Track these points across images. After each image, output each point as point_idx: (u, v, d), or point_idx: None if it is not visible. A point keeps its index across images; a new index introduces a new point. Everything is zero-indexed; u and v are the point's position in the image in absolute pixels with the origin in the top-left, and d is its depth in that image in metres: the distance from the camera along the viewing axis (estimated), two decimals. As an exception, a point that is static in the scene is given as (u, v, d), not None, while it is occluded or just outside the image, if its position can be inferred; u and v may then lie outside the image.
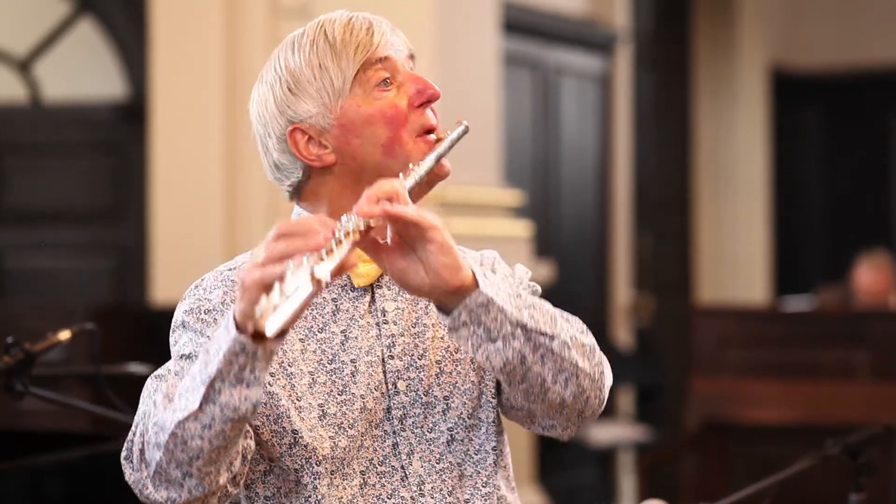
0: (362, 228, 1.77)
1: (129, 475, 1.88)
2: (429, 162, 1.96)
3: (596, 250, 7.70)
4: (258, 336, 1.73)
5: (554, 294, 2.22)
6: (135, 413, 1.93)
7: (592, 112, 7.67)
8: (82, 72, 6.81)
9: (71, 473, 3.17)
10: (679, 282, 9.04)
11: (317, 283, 1.67)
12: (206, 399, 1.77)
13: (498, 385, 2.03)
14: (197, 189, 5.88)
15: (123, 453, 1.89)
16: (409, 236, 1.82)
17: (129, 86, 6.58)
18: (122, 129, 6.54)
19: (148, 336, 5.30)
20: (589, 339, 1.95)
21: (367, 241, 1.81)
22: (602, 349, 2.02)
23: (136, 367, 3.19)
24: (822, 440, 2.88)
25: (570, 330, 1.93)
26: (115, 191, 6.62)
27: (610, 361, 2.00)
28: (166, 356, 2.00)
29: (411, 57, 2.03)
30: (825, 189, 10.28)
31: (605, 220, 7.75)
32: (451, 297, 1.84)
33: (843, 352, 5.85)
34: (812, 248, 10.27)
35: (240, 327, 1.74)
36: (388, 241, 1.83)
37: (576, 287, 7.34)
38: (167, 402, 1.82)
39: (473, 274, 1.84)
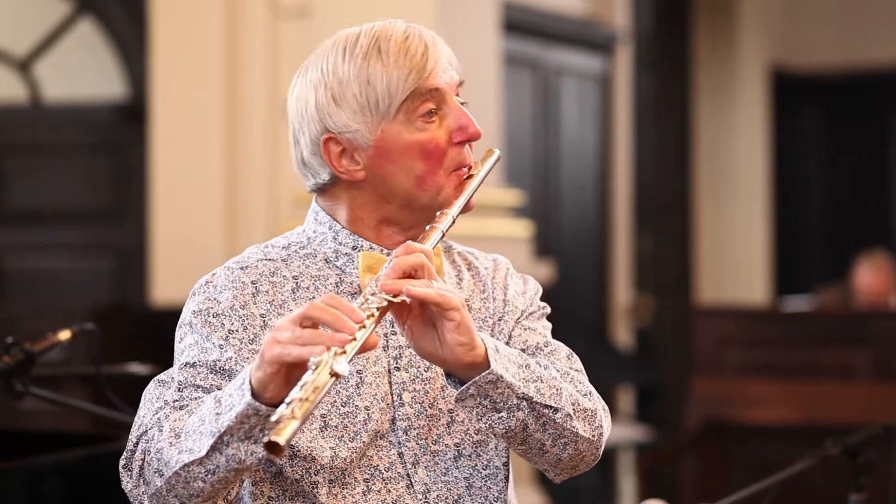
0: (384, 305, 1.81)
1: (127, 484, 1.91)
2: (457, 209, 1.97)
3: (596, 250, 7.70)
4: (272, 403, 1.77)
5: (554, 294, 2.22)
6: (135, 413, 1.94)
7: (592, 112, 7.67)
8: (82, 72, 6.81)
9: (71, 473, 3.17)
10: (679, 282, 9.04)
11: (335, 377, 1.71)
12: (214, 449, 1.80)
13: None
14: (197, 189, 5.88)
15: (122, 461, 1.91)
16: (430, 311, 1.84)
17: (129, 86, 6.58)
18: (122, 129, 6.54)
19: (148, 336, 5.31)
20: (591, 402, 1.98)
21: (383, 311, 1.83)
22: (602, 349, 2.04)
23: (136, 367, 3.19)
24: (822, 440, 2.88)
25: (574, 394, 1.95)
26: (115, 191, 6.62)
27: (610, 361, 2.02)
28: (166, 356, 2.00)
29: (460, 84, 2.02)
30: (825, 189, 10.28)
31: (605, 220, 7.75)
32: (462, 371, 1.87)
33: (843, 352, 5.85)
34: (812, 249, 10.26)
35: (255, 393, 1.77)
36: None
37: (576, 287, 7.34)
38: (174, 438, 1.84)
39: (486, 350, 1.87)
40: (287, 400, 1.68)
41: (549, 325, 2.11)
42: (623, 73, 7.86)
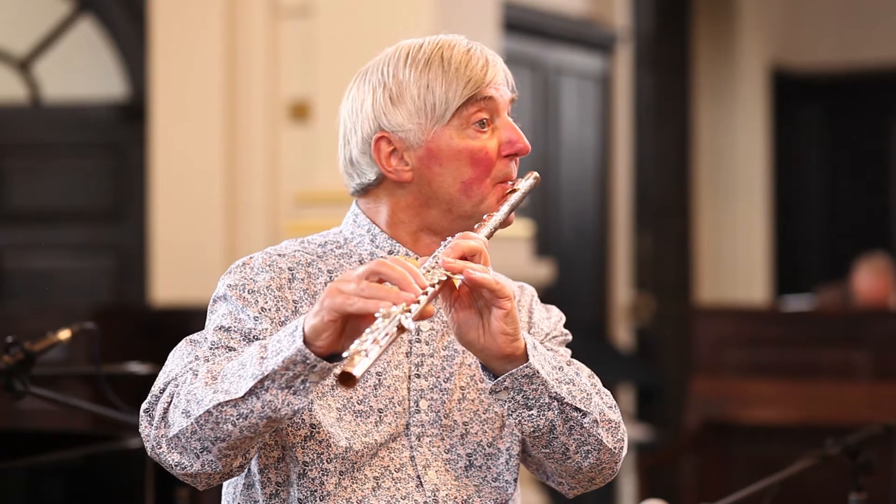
0: (444, 280, 1.84)
1: (145, 429, 1.90)
2: (501, 214, 2.01)
3: (596, 250, 7.70)
4: (321, 354, 1.77)
5: (554, 294, 2.23)
6: (135, 412, 1.95)
7: (592, 112, 7.67)
8: (82, 72, 6.81)
9: (71, 473, 3.17)
10: (679, 282, 9.04)
11: (402, 331, 1.72)
12: (252, 392, 1.80)
13: None
14: (197, 189, 5.89)
15: (144, 406, 1.90)
16: (480, 296, 1.87)
17: (129, 86, 6.58)
18: (122, 129, 6.54)
19: (148, 336, 5.31)
20: (616, 414, 2.01)
21: (442, 286, 1.86)
22: (602, 349, 2.06)
23: (136, 367, 3.19)
24: (822, 440, 2.89)
25: (600, 405, 1.99)
26: (115, 191, 6.62)
27: (610, 361, 2.04)
28: (166, 356, 2.00)
29: (512, 101, 2.07)
30: (825, 189, 10.28)
31: (605, 220, 7.75)
32: (498, 362, 1.90)
33: (843, 352, 5.85)
34: (812, 248, 10.27)
35: (306, 340, 1.77)
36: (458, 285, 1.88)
37: (576, 287, 7.34)
38: (210, 379, 1.84)
39: (525, 345, 1.90)
40: (357, 341, 1.69)
41: (570, 353, 2.13)
42: (623, 73, 7.86)
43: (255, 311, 1.96)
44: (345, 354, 1.69)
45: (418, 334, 2.03)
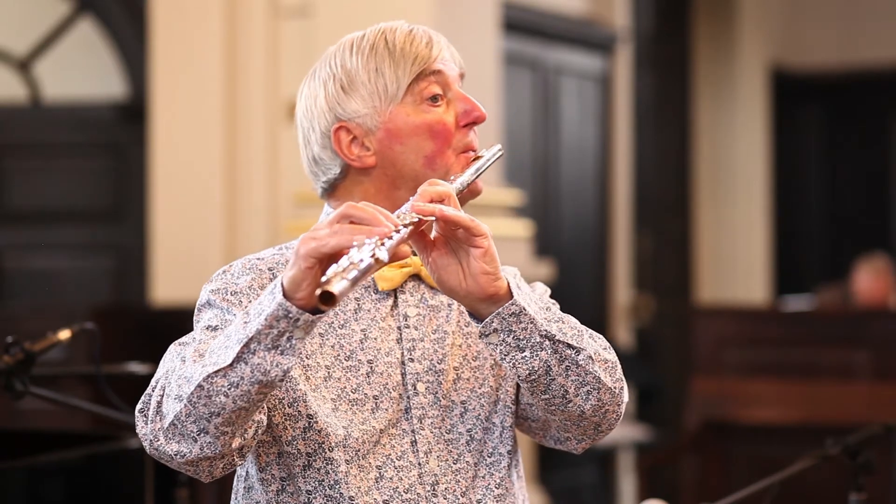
0: (416, 221, 1.84)
1: (142, 427, 1.89)
2: (468, 175, 2.02)
3: (596, 250, 7.70)
4: (303, 306, 1.77)
5: (554, 294, 2.23)
6: (134, 412, 1.94)
7: (592, 112, 7.67)
8: (82, 72, 6.81)
9: (71, 473, 3.17)
10: (679, 282, 9.04)
11: (377, 262, 1.71)
12: (239, 358, 1.79)
13: (516, 392, 2.08)
14: (197, 189, 5.89)
15: (139, 406, 1.90)
16: (456, 239, 1.88)
17: (129, 86, 6.58)
18: (122, 129, 6.54)
19: (148, 336, 5.31)
20: (612, 355, 2.01)
21: (415, 234, 1.86)
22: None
23: (136, 367, 3.19)
24: (822, 440, 2.88)
25: (594, 345, 1.98)
26: (115, 191, 6.62)
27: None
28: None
29: (461, 76, 2.10)
30: (825, 189, 10.28)
31: (605, 220, 7.75)
32: (484, 304, 1.90)
33: (843, 352, 5.85)
34: (812, 248, 10.27)
35: (286, 294, 1.77)
36: (433, 236, 1.89)
37: (576, 287, 7.34)
38: (198, 357, 1.84)
39: (508, 284, 1.90)
40: (334, 265, 1.70)
41: None
42: (623, 73, 7.86)
43: (240, 311, 1.95)
44: (323, 279, 1.69)
45: (406, 320, 2.04)
